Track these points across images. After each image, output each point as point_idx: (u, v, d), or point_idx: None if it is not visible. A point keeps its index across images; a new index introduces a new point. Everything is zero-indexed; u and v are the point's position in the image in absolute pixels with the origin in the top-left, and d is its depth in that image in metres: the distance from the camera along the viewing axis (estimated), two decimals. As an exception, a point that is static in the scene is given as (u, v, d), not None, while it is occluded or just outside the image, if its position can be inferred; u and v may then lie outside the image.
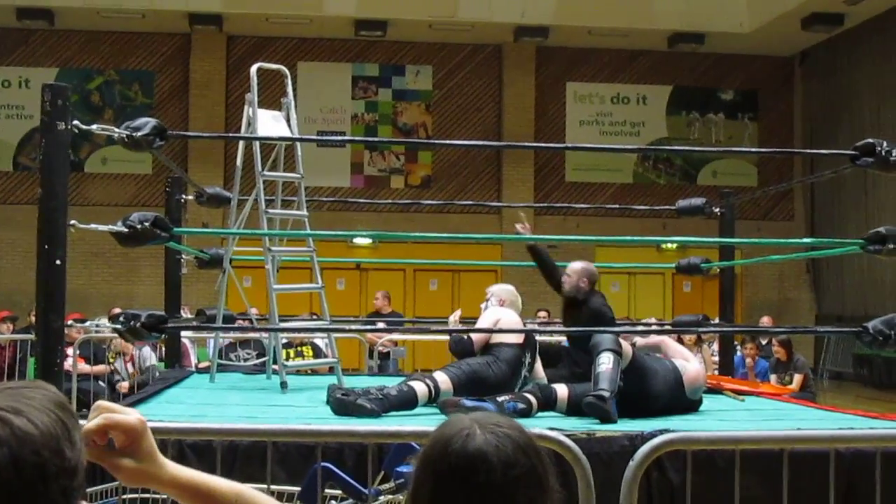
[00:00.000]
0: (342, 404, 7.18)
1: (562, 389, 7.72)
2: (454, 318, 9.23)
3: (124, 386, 13.31)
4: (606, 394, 7.11)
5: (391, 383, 7.79)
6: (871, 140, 7.58)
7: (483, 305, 8.66)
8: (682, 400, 7.79)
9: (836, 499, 4.44)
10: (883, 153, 7.41)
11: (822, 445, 5.24)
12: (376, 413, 7.11)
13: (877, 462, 4.37)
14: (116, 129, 6.54)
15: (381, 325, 15.31)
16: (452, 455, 1.93)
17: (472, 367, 7.82)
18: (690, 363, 8.20)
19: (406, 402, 7.40)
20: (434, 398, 7.48)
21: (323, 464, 4.28)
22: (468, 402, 6.99)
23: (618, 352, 7.44)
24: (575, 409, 7.40)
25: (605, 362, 7.36)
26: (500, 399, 7.27)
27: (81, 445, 1.64)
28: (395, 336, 14.85)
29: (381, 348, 14.28)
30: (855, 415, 8.23)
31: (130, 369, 13.76)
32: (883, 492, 4.40)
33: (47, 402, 1.61)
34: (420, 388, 7.49)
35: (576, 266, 8.99)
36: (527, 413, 7.25)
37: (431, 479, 1.95)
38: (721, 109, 27.36)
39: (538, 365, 8.44)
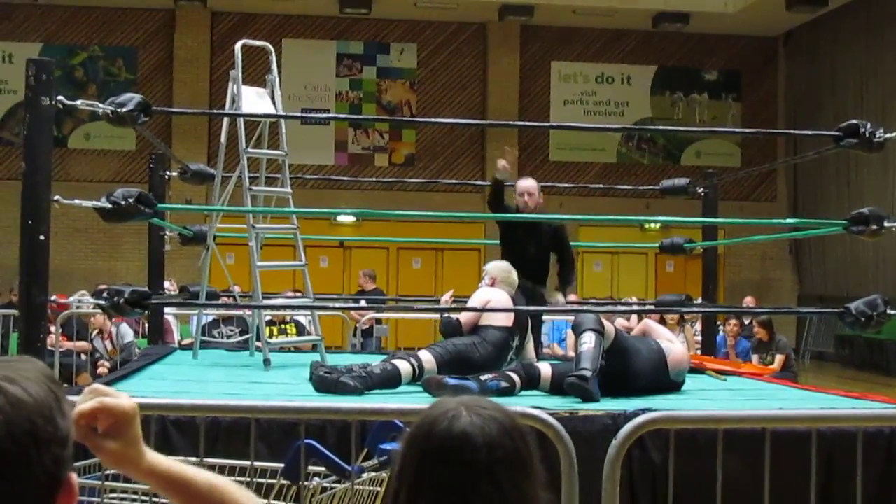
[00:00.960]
0: (325, 382, 7.18)
1: (545, 368, 7.74)
2: (447, 297, 9.22)
3: (104, 368, 13.22)
4: (588, 373, 7.11)
5: (374, 361, 7.79)
6: (854, 121, 7.62)
7: (480, 284, 8.67)
8: (664, 381, 7.79)
9: (817, 478, 4.46)
10: (867, 134, 7.44)
11: (803, 425, 5.26)
12: (359, 391, 7.10)
13: (858, 442, 4.38)
14: (101, 105, 6.54)
15: (363, 303, 15.30)
16: (437, 435, 1.96)
17: (457, 348, 7.81)
18: (675, 345, 8.22)
19: (389, 380, 7.39)
20: (418, 377, 7.47)
21: (306, 440, 4.28)
22: (451, 381, 6.99)
23: (600, 331, 7.45)
24: (557, 387, 7.40)
25: (587, 342, 7.37)
26: (483, 377, 7.27)
27: (72, 418, 1.67)
28: (378, 314, 14.85)
29: (363, 326, 14.27)
30: (836, 395, 8.26)
31: (109, 347, 13.71)
32: (864, 471, 4.42)
33: (38, 373, 1.64)
34: (404, 366, 7.48)
35: (532, 184, 9.32)
36: (510, 391, 7.25)
37: (416, 459, 1.98)
38: (705, 90, 27.34)
39: (529, 346, 8.46)
